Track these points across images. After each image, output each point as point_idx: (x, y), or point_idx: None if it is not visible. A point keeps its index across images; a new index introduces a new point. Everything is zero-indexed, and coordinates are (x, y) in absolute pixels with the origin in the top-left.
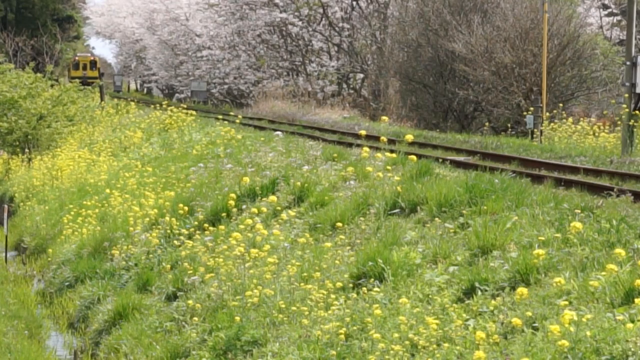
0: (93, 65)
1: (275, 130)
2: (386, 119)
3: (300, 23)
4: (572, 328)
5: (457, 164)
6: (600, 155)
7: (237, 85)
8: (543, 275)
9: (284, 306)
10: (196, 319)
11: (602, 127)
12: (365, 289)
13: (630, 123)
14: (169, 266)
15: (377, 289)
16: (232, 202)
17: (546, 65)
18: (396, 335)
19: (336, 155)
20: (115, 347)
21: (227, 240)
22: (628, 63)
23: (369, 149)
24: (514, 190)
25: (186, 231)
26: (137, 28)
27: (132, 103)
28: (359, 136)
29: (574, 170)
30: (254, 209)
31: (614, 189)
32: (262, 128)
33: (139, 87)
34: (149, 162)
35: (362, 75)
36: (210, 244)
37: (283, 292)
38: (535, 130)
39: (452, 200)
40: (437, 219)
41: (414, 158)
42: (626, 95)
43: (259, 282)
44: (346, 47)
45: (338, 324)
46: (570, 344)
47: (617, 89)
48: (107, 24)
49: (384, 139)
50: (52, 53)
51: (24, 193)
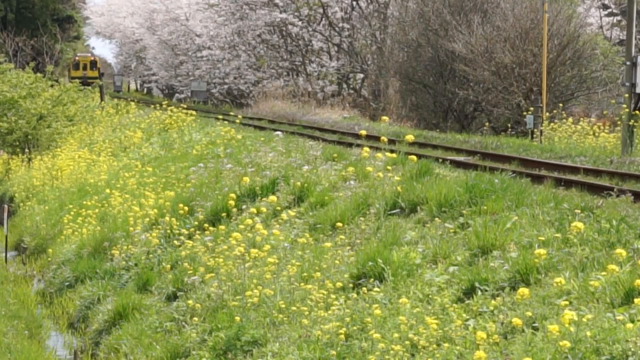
0: (93, 65)
1: (275, 130)
2: (386, 119)
3: (300, 23)
4: (572, 328)
5: (457, 164)
6: (600, 155)
7: (237, 85)
8: (543, 275)
9: (284, 306)
10: (196, 319)
11: (602, 127)
12: (365, 289)
13: (630, 123)
14: (169, 266)
15: (377, 289)
16: (232, 202)
17: (546, 65)
18: (396, 335)
19: (336, 155)
20: (115, 347)
21: (227, 240)
22: (628, 63)
23: (369, 149)
24: (514, 190)
25: (186, 231)
26: (137, 28)
27: (132, 103)
28: (359, 136)
29: (574, 170)
30: (254, 209)
31: (614, 189)
32: (262, 128)
33: (139, 87)
34: (149, 162)
35: (362, 75)
36: (210, 244)
37: (283, 292)
38: (535, 130)
39: (452, 200)
40: (437, 219)
41: (414, 158)
42: (626, 95)
43: (259, 282)
44: (346, 47)
45: (338, 324)
46: (571, 344)
47: (617, 89)
48: (107, 24)
49: (384, 138)
50: (52, 53)
51: (24, 193)
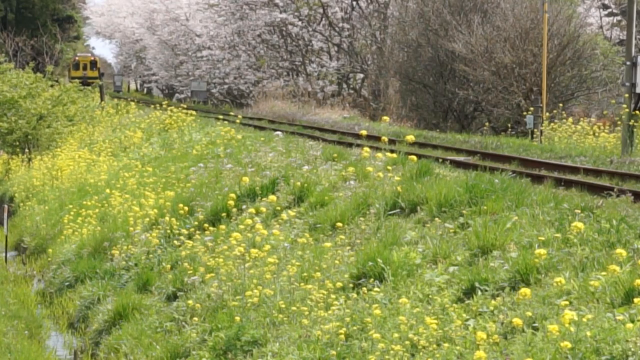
0: (93, 65)
1: (275, 130)
2: (387, 118)
3: (300, 23)
4: (573, 328)
5: (457, 164)
6: (600, 155)
7: (237, 85)
8: (543, 275)
9: (284, 306)
10: (196, 319)
11: (602, 127)
12: (365, 289)
13: (630, 123)
14: (169, 266)
15: (377, 289)
16: (232, 202)
17: (546, 65)
18: (396, 335)
19: (336, 155)
20: (115, 347)
21: (227, 240)
22: (628, 63)
23: (369, 149)
24: (514, 190)
25: (186, 231)
26: (137, 28)
27: (132, 103)
28: (359, 136)
29: (574, 170)
30: (253, 209)
31: (614, 189)
32: (262, 128)
33: (139, 87)
34: (149, 162)
35: (362, 75)
36: (210, 244)
37: (283, 292)
38: (535, 130)
39: (452, 200)
40: (437, 219)
41: (414, 158)
42: (626, 95)
43: (259, 282)
44: (346, 47)
45: (338, 324)
46: (571, 344)
47: (617, 89)
48: (107, 24)
49: (385, 138)
50: (52, 53)
51: (24, 193)
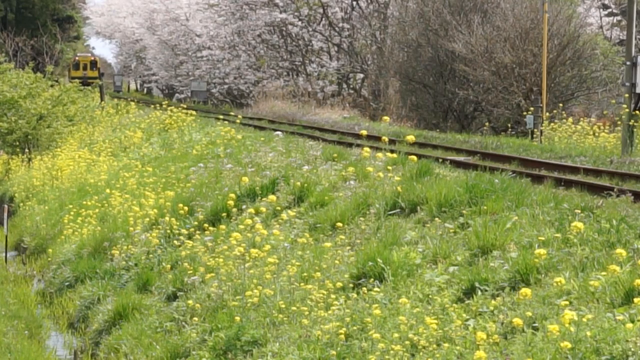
0: (93, 65)
1: (275, 130)
2: (387, 118)
3: (300, 23)
4: (573, 328)
5: (457, 164)
6: (600, 155)
7: (237, 85)
8: (543, 275)
9: (284, 306)
10: (196, 319)
11: (602, 127)
12: (365, 289)
13: (630, 123)
14: (169, 266)
15: (377, 289)
16: (231, 202)
17: (546, 65)
18: (396, 335)
19: (336, 155)
20: (115, 347)
21: (227, 240)
22: (628, 63)
23: (369, 149)
24: (514, 190)
25: (186, 231)
26: (137, 28)
27: (132, 103)
28: (359, 136)
29: (574, 170)
30: (253, 209)
31: (614, 189)
32: (262, 128)
33: (139, 87)
34: (149, 162)
35: (362, 75)
36: (210, 244)
37: (283, 292)
38: (535, 130)
39: (452, 200)
40: (437, 219)
41: (414, 158)
42: (626, 95)
43: (259, 282)
44: (346, 47)
45: (338, 324)
46: (571, 344)
47: (617, 89)
48: (107, 24)
49: (385, 138)
50: (52, 53)
51: (24, 193)
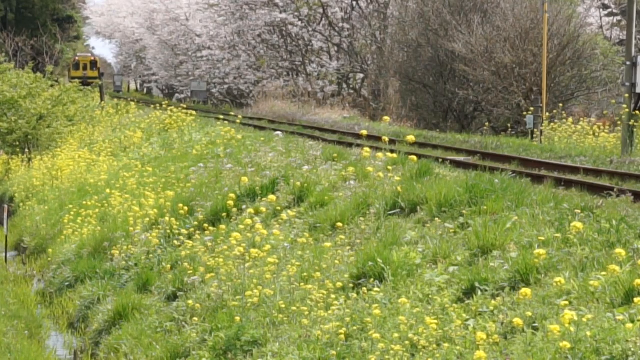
0: (93, 65)
1: (275, 130)
2: (387, 118)
3: (300, 23)
4: (572, 328)
5: (457, 164)
6: (600, 155)
7: (237, 85)
8: (543, 275)
9: (284, 306)
10: (196, 319)
11: (602, 127)
12: (365, 289)
13: (630, 123)
14: (169, 266)
15: (377, 289)
16: (231, 202)
17: (546, 65)
18: (396, 335)
19: (336, 155)
20: (115, 347)
21: (227, 240)
22: (628, 63)
23: (369, 149)
24: (514, 190)
25: (186, 231)
26: (137, 28)
27: (132, 103)
28: (359, 136)
29: (574, 170)
30: (253, 209)
31: (614, 189)
32: (262, 128)
33: (139, 87)
34: (149, 162)
35: (362, 75)
36: (210, 244)
37: (283, 292)
38: (535, 130)
39: (452, 200)
40: (437, 219)
41: (415, 158)
42: (626, 95)
43: (259, 282)
44: (346, 47)
45: (338, 324)
46: (571, 344)
47: (617, 89)
48: (107, 24)
49: (385, 138)
50: (52, 53)
51: (24, 193)
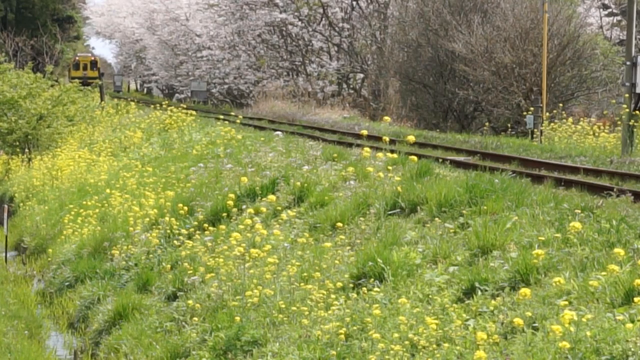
0: (93, 65)
1: (275, 130)
2: (388, 119)
3: (300, 23)
4: (572, 328)
5: (457, 164)
6: (600, 155)
7: (237, 85)
8: (543, 275)
9: (284, 306)
10: (196, 319)
11: (602, 127)
12: (365, 289)
13: (630, 123)
14: (169, 266)
15: (377, 289)
16: (231, 202)
17: (546, 65)
18: (396, 335)
19: (336, 155)
20: (115, 347)
21: (227, 240)
22: (628, 63)
23: (370, 149)
24: (514, 190)
25: (186, 231)
26: (137, 28)
27: (132, 103)
28: (359, 136)
29: (574, 170)
30: (253, 209)
31: (614, 189)
32: (262, 128)
33: (139, 87)
34: (149, 162)
35: (362, 75)
36: (210, 244)
37: (283, 292)
38: (535, 130)
39: (452, 200)
40: (437, 219)
41: (415, 158)
42: (626, 95)
43: (259, 282)
44: (346, 47)
45: (338, 324)
46: (570, 344)
47: (617, 89)
48: (107, 24)
49: (386, 138)
50: (52, 53)
51: (24, 193)
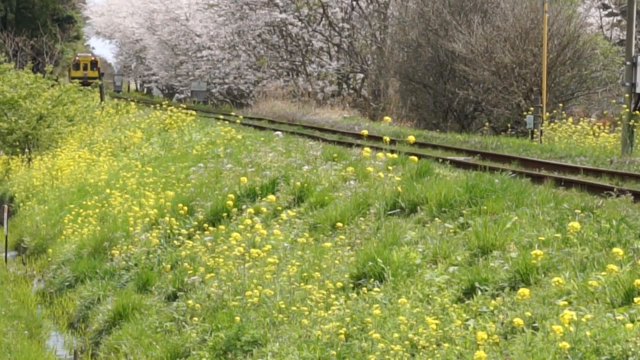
0: (94, 65)
1: (275, 130)
2: (388, 119)
3: (300, 23)
4: (572, 328)
5: (457, 164)
6: (600, 155)
7: (237, 85)
8: (543, 275)
9: (284, 306)
10: (196, 319)
11: (602, 127)
12: (365, 289)
13: (630, 123)
14: (169, 266)
15: (377, 289)
16: (231, 202)
17: (546, 65)
18: (396, 335)
19: (336, 155)
20: (115, 347)
21: (227, 240)
22: (628, 63)
23: (370, 149)
24: (514, 190)
25: (186, 231)
26: (137, 28)
27: (132, 103)
28: (359, 136)
29: (574, 170)
30: (253, 209)
31: (614, 189)
32: (262, 128)
33: (139, 87)
34: (149, 162)
35: (362, 75)
36: (210, 244)
37: (283, 292)
38: (535, 130)
39: (452, 200)
40: (437, 219)
41: (415, 158)
42: (626, 95)
43: (259, 282)
44: (346, 47)
45: (338, 324)
46: (570, 344)
47: (617, 89)
48: (107, 24)
49: (386, 138)
50: (52, 53)
51: (24, 193)
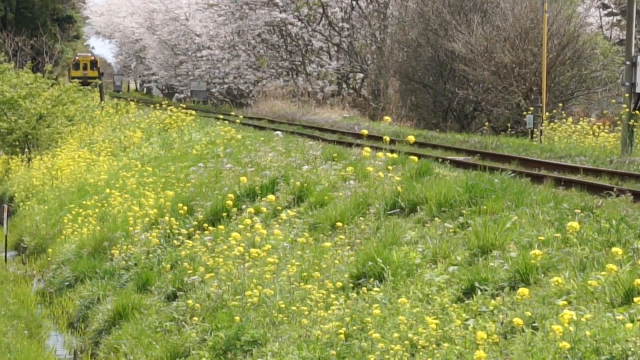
0: (94, 65)
1: (275, 130)
2: (388, 119)
3: (300, 23)
4: (572, 328)
5: (457, 164)
6: (600, 155)
7: (237, 85)
8: (543, 275)
9: (284, 306)
10: (196, 319)
11: (602, 127)
12: (365, 289)
13: (630, 123)
14: (169, 266)
15: (377, 289)
16: (231, 202)
17: (546, 65)
18: (396, 335)
19: (336, 155)
20: (115, 347)
21: (227, 240)
22: (628, 63)
23: (370, 149)
24: (514, 190)
25: (186, 231)
26: (137, 28)
27: (132, 103)
28: (359, 136)
29: (574, 170)
30: (253, 209)
31: (614, 189)
32: (262, 128)
33: (139, 87)
34: (149, 162)
35: (362, 75)
36: (210, 244)
37: (283, 292)
38: (535, 130)
39: (452, 200)
40: (437, 219)
41: (415, 158)
42: (626, 95)
43: (259, 282)
44: (346, 47)
45: (338, 324)
46: (571, 344)
47: (617, 89)
48: (107, 24)
49: (387, 138)
50: (52, 53)
51: (24, 193)
